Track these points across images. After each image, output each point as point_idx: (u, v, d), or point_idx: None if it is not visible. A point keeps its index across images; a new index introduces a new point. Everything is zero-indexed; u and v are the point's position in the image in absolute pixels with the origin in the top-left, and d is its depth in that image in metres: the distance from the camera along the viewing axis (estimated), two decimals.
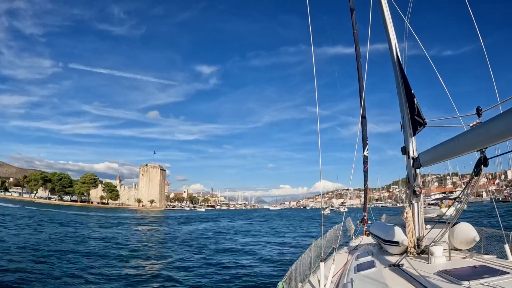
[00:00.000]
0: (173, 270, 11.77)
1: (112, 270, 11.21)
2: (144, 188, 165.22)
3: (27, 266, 11.05)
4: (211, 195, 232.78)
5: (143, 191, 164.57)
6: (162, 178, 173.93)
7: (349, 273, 3.88)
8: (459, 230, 3.85)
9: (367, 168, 9.03)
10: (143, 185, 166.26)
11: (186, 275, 10.91)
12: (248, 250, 17.08)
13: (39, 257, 12.80)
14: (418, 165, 4.28)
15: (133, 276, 10.57)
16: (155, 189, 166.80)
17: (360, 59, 8.53)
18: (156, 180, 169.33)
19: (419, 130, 4.25)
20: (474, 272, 2.80)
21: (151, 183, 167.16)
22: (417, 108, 4.15)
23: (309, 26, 4.63)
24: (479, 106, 3.09)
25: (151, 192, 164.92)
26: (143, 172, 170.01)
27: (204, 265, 12.81)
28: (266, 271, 11.64)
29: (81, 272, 10.69)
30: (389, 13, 4.93)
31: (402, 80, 4.58)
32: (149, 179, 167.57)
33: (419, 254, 3.87)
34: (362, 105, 7.61)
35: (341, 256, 5.43)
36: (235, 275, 10.90)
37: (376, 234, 5.11)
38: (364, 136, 8.95)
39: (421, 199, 4.26)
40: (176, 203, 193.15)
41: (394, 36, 4.85)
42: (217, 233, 27.94)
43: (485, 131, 2.68)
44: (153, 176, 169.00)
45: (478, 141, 2.80)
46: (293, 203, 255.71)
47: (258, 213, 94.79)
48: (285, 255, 15.48)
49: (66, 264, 11.78)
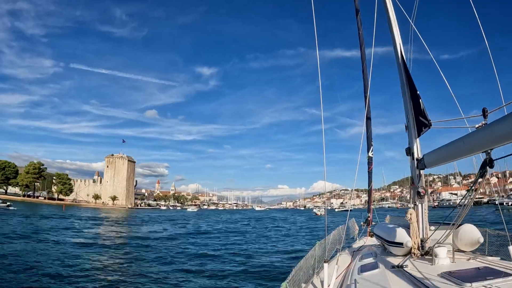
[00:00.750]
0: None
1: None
2: (109, 183, 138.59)
3: None
4: (201, 194, 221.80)
5: (107, 186, 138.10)
6: (130, 172, 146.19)
7: (352, 274, 3.89)
8: (463, 231, 3.84)
9: (372, 169, 9.00)
10: (108, 179, 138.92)
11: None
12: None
13: None
14: (423, 166, 4.27)
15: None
16: (120, 184, 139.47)
17: (365, 60, 8.51)
18: (123, 173, 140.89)
19: (424, 131, 4.24)
20: (478, 273, 2.79)
21: (117, 177, 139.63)
22: (422, 109, 4.14)
23: (314, 29, 4.64)
24: (485, 107, 3.09)
25: (116, 187, 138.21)
26: (108, 164, 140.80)
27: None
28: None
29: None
30: (394, 14, 4.93)
31: (407, 81, 4.57)
32: (115, 172, 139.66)
33: (423, 255, 3.87)
34: (367, 106, 7.59)
35: (344, 257, 5.44)
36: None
37: (380, 235, 5.11)
38: (368, 137, 8.92)
39: (425, 200, 4.26)
40: (159, 202, 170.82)
41: (399, 36, 4.85)
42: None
43: (491, 132, 2.68)
44: (119, 169, 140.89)
45: (483, 142, 2.80)
46: (290, 203, 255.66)
47: (236, 215, 78.32)
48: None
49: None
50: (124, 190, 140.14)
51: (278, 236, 27.20)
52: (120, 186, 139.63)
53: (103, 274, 11.33)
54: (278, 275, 11.32)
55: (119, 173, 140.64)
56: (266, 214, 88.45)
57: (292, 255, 16.09)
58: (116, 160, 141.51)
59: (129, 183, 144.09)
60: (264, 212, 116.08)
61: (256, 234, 28.99)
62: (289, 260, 14.39)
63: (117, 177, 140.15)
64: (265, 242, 22.54)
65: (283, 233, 29.72)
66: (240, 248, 18.89)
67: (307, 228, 36.70)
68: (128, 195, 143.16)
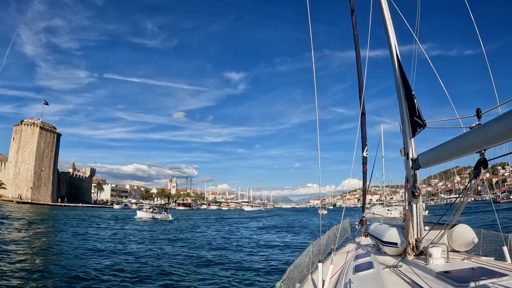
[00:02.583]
0: None
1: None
2: (13, 164, 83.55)
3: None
4: (229, 195, 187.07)
5: (9, 169, 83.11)
6: (48, 146, 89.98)
7: (347, 274, 3.88)
8: (458, 231, 3.85)
9: (366, 169, 9.00)
10: (12, 158, 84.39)
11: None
12: None
13: None
14: (417, 166, 4.28)
15: None
16: (28, 165, 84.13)
17: (360, 59, 8.50)
18: (31, 147, 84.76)
19: (418, 131, 4.24)
20: (473, 273, 2.79)
21: (22, 153, 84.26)
22: (417, 109, 4.14)
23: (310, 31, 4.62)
24: (479, 107, 3.09)
25: (22, 170, 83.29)
26: (14, 135, 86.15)
27: None
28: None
29: None
30: (389, 13, 4.92)
31: (402, 81, 4.58)
32: (20, 146, 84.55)
33: (417, 255, 3.88)
34: (362, 103, 7.61)
35: (339, 257, 5.43)
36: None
37: (375, 235, 5.11)
38: (363, 136, 8.91)
39: (419, 200, 4.26)
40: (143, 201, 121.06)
41: (393, 36, 4.84)
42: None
43: (485, 133, 2.68)
44: (26, 141, 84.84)
45: (477, 142, 2.80)
46: (318, 202, 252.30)
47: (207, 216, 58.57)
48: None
49: None
50: (32, 174, 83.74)
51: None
52: (27, 168, 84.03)
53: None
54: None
55: (25, 148, 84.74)
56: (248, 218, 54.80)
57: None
58: (23, 129, 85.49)
59: (45, 163, 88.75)
60: (258, 213, 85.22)
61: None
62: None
63: (23, 153, 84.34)
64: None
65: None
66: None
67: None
68: (48, 184, 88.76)
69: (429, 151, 3.92)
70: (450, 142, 3.32)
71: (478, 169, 2.93)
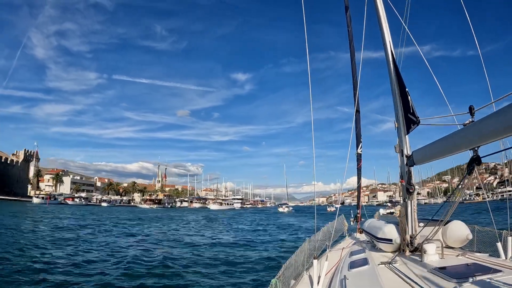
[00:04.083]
0: None
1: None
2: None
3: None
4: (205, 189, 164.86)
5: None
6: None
7: (342, 270, 3.89)
8: (452, 228, 3.88)
9: (361, 166, 9.02)
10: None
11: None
12: None
13: None
14: (412, 163, 4.29)
15: None
16: None
17: (354, 57, 8.50)
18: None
19: (412, 128, 4.26)
20: (467, 270, 2.82)
21: None
22: (411, 106, 4.15)
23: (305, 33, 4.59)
24: (472, 105, 3.11)
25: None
26: None
27: None
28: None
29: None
30: (383, 10, 4.91)
31: (396, 78, 4.58)
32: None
33: (412, 251, 3.90)
34: (356, 101, 7.62)
35: (334, 253, 5.45)
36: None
37: (369, 231, 5.13)
38: (358, 134, 8.90)
39: (414, 196, 4.29)
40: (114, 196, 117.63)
41: (388, 33, 4.84)
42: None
43: (478, 130, 2.69)
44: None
45: (470, 139, 2.81)
46: (323, 199, 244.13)
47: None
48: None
49: None
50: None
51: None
52: None
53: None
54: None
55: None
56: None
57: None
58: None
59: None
60: (220, 213, 63.35)
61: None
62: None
63: None
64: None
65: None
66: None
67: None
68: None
69: (423, 148, 3.94)
70: (444, 139, 3.33)
71: (471, 165, 2.95)
